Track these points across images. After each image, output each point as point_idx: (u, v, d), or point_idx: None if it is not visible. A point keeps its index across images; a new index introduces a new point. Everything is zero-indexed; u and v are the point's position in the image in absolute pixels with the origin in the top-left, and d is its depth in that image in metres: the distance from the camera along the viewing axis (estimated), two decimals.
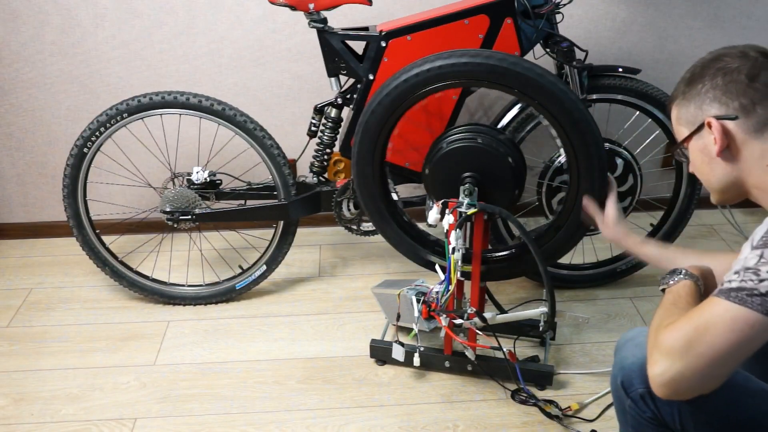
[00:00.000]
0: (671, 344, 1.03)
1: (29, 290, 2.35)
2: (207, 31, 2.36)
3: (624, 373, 1.22)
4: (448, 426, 1.77)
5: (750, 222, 2.65)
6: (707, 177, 1.21)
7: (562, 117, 1.66)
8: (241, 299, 2.28)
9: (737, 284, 1.01)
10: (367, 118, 1.78)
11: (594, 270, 2.29)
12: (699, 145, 1.19)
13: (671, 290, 1.23)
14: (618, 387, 1.23)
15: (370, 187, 1.88)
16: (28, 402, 1.86)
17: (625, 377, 1.22)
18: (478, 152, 1.73)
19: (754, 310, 0.99)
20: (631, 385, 1.20)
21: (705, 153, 1.18)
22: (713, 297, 1.04)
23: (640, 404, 1.20)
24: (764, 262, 1.00)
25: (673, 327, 1.05)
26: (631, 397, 1.21)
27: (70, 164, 2.08)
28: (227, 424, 1.78)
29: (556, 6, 1.88)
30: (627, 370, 1.21)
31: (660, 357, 1.04)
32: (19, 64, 2.37)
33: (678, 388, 1.04)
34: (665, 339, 1.04)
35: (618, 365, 1.24)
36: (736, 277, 1.02)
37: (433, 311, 1.72)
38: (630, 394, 1.21)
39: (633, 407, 1.21)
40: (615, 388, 1.25)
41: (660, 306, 1.19)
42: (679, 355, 1.02)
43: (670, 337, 1.04)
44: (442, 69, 1.67)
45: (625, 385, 1.22)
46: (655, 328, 1.10)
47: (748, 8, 2.43)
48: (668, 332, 1.05)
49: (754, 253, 1.03)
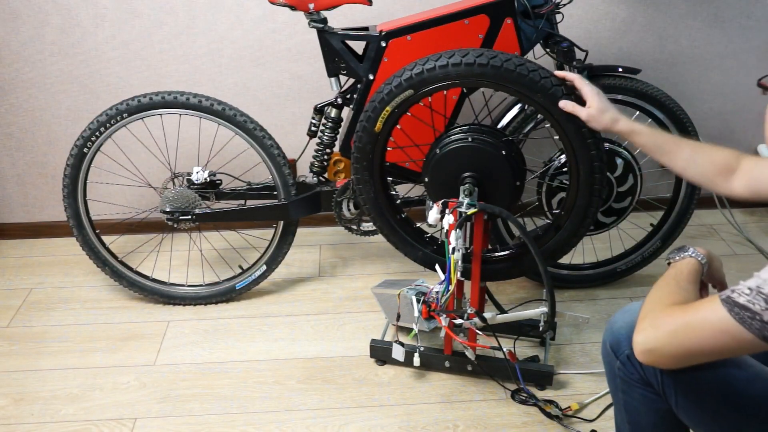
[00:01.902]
0: (661, 323, 1.10)
1: (29, 290, 2.35)
2: (207, 31, 2.36)
3: (613, 336, 1.27)
4: (448, 426, 1.77)
5: (750, 222, 2.65)
6: None
7: (562, 117, 1.66)
8: (241, 299, 2.28)
9: (744, 301, 1.02)
10: (367, 117, 1.78)
11: (594, 270, 2.28)
12: None
13: (675, 265, 1.28)
14: (608, 351, 1.28)
15: (369, 187, 1.88)
16: (28, 402, 1.86)
17: (613, 341, 1.27)
18: (478, 152, 1.73)
19: (750, 332, 1.01)
20: (620, 347, 1.25)
21: None
22: (718, 299, 1.05)
23: (628, 365, 1.24)
24: None
25: (670, 311, 1.11)
26: (619, 359, 1.25)
27: (70, 164, 2.08)
28: (227, 424, 1.78)
29: (556, 6, 1.88)
30: (616, 333, 1.26)
31: (647, 327, 1.12)
32: (19, 64, 2.37)
33: (653, 360, 1.13)
34: (658, 315, 1.12)
35: (608, 331, 1.29)
36: (748, 294, 1.02)
37: (433, 311, 1.72)
38: (619, 357, 1.25)
39: (621, 369, 1.26)
40: (605, 353, 1.29)
41: (662, 277, 1.24)
42: (664, 336, 1.10)
43: (663, 316, 1.11)
44: (443, 69, 1.67)
45: (614, 348, 1.26)
46: (650, 300, 1.18)
47: (748, 8, 2.43)
48: (664, 313, 1.12)
49: None
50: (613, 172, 2.04)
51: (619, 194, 2.07)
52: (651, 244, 2.23)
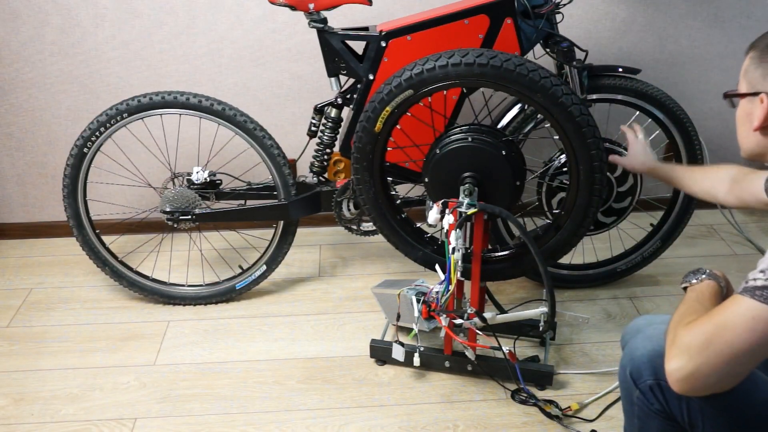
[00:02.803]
0: (690, 340, 1.03)
1: (29, 290, 2.35)
2: (207, 31, 2.36)
3: (633, 364, 1.22)
4: (448, 426, 1.77)
5: (750, 222, 2.65)
6: (741, 137, 1.24)
7: (562, 117, 1.67)
8: (241, 299, 2.28)
9: (762, 282, 1.01)
10: (367, 117, 1.78)
11: (594, 270, 2.28)
12: (747, 108, 1.20)
13: (694, 288, 1.24)
14: (627, 378, 1.24)
15: (369, 187, 1.88)
16: (28, 402, 1.86)
17: (634, 368, 1.22)
18: (478, 152, 1.73)
19: None
20: (641, 377, 1.21)
21: (748, 118, 1.20)
22: (737, 295, 1.03)
23: (649, 396, 1.20)
24: None
25: (694, 324, 1.05)
26: (639, 388, 1.21)
27: (70, 164, 2.08)
28: (227, 424, 1.78)
29: (556, 6, 1.88)
30: (637, 361, 1.22)
31: (678, 352, 1.04)
32: (19, 64, 2.37)
33: (695, 385, 1.04)
34: (685, 335, 1.05)
35: (627, 356, 1.24)
36: (762, 276, 1.01)
37: (433, 311, 1.72)
38: (639, 386, 1.21)
39: (641, 398, 1.21)
40: (623, 379, 1.25)
41: (682, 302, 1.19)
42: (698, 352, 1.02)
43: (689, 333, 1.04)
44: (442, 69, 1.67)
45: (634, 377, 1.22)
46: (675, 324, 1.10)
47: (748, 8, 2.43)
48: (688, 329, 1.05)
49: None
50: (613, 172, 2.04)
51: (619, 194, 2.07)
52: (651, 244, 2.23)
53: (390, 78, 1.73)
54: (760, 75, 1.16)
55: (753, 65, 1.17)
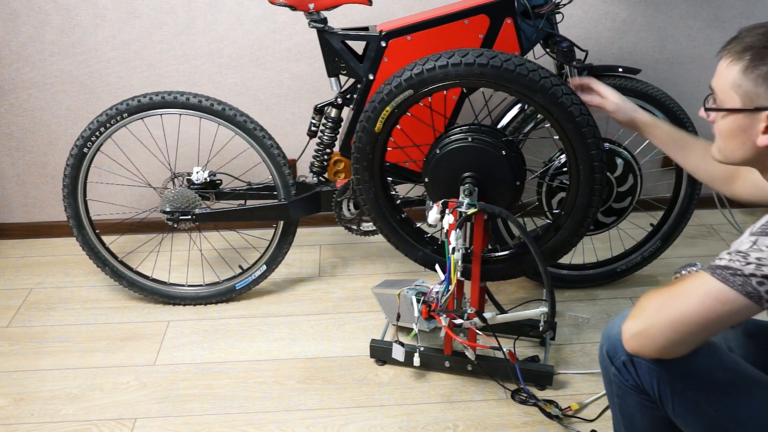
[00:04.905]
0: (647, 304, 1.14)
1: (29, 290, 2.35)
2: (207, 31, 2.36)
3: (609, 342, 1.26)
4: (448, 426, 1.77)
5: (750, 222, 2.64)
6: (729, 147, 1.19)
7: (562, 117, 1.66)
8: (241, 299, 2.28)
9: (725, 263, 1.07)
10: (367, 117, 1.78)
11: (594, 270, 2.28)
12: (743, 123, 1.14)
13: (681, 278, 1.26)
14: (604, 356, 1.28)
15: (369, 187, 1.88)
16: (28, 402, 1.86)
17: (610, 346, 1.26)
18: (478, 152, 1.73)
19: (733, 289, 1.04)
20: (615, 354, 1.25)
21: (743, 132, 1.15)
22: (700, 271, 1.10)
23: (623, 372, 1.24)
24: (756, 249, 1.04)
25: (655, 292, 1.15)
26: (615, 365, 1.25)
27: (70, 164, 2.08)
28: (227, 424, 1.78)
29: (556, 6, 1.88)
30: (612, 339, 1.26)
31: (635, 314, 1.15)
32: (19, 64, 2.37)
33: (643, 343, 1.14)
34: (644, 300, 1.15)
35: (605, 336, 1.29)
36: (727, 257, 1.07)
37: (433, 311, 1.72)
38: (614, 362, 1.25)
39: (617, 375, 1.26)
40: (602, 358, 1.29)
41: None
42: (651, 314, 1.12)
43: (649, 299, 1.15)
44: (442, 69, 1.67)
45: (610, 354, 1.26)
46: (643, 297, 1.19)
47: (748, 8, 2.43)
48: (649, 296, 1.15)
49: (750, 238, 1.07)
50: (613, 172, 2.05)
51: (619, 194, 2.08)
52: (651, 244, 2.23)
53: (390, 78, 1.73)
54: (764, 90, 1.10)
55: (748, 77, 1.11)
